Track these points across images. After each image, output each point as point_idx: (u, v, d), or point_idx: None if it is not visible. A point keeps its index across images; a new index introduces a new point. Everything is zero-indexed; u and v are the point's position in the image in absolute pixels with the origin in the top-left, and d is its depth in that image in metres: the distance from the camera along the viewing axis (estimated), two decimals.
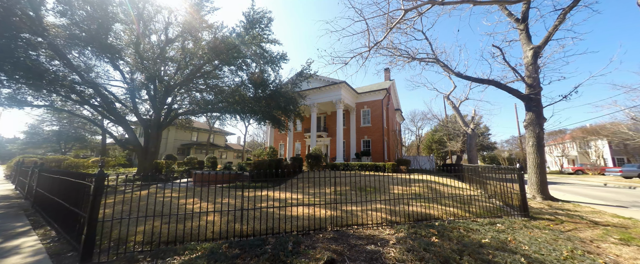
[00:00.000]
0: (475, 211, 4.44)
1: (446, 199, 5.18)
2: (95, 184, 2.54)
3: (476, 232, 3.35)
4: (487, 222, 3.85)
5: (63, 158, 13.41)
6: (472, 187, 6.50)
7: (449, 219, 3.99)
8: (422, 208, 4.54)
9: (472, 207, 4.63)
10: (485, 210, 4.52)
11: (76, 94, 9.22)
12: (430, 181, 7.92)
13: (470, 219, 4.04)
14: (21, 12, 7.00)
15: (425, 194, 5.80)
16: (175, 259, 2.41)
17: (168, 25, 10.65)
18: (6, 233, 3.37)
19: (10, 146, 30.99)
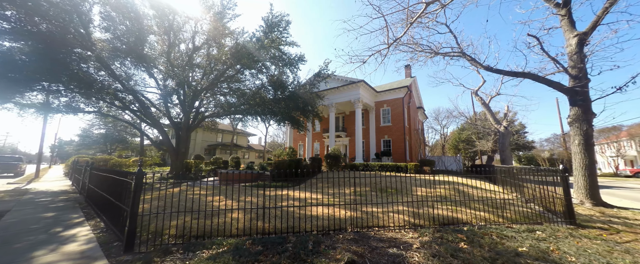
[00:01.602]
0: (510, 216, 4.07)
1: (476, 202, 4.83)
2: (135, 181, 2.81)
3: (511, 239, 3.07)
4: (524, 229, 3.52)
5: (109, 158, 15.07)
6: (506, 190, 5.98)
7: (480, 224, 3.72)
8: (448, 211, 4.29)
9: (506, 212, 4.26)
10: (522, 215, 4.13)
11: (118, 101, 10.30)
12: (457, 183, 7.45)
13: (504, 225, 3.72)
14: (74, 30, 8.00)
15: (452, 196, 5.47)
16: (204, 253, 2.57)
17: (195, 34, 11.40)
18: (65, 223, 3.88)
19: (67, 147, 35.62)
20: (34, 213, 4.61)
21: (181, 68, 10.68)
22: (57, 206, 5.33)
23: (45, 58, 7.38)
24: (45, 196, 6.70)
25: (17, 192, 7.57)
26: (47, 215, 4.41)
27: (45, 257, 2.50)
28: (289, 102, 11.26)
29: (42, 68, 7.38)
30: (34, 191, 7.76)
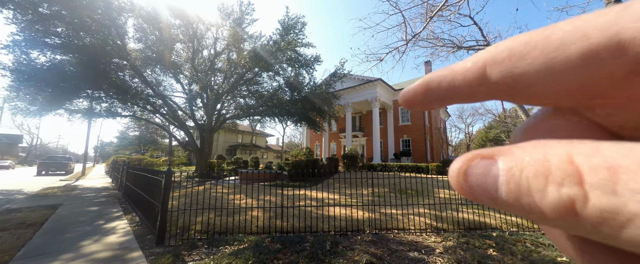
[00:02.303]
0: None
1: None
2: (165, 180, 3.03)
3: (549, 248, 2.80)
4: None
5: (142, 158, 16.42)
6: None
7: (511, 230, 3.44)
8: (474, 215, 4.03)
9: None
10: None
11: (150, 105, 11.18)
12: None
13: (540, 231, 3.40)
14: (112, 42, 8.83)
15: None
16: (226, 248, 2.69)
17: (216, 40, 12.01)
18: (107, 216, 4.30)
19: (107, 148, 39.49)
20: (81, 206, 5.17)
21: (204, 73, 11.31)
22: (100, 201, 5.92)
23: (89, 69, 8.26)
24: (90, 192, 7.48)
25: (67, 188, 8.56)
26: (92, 209, 4.92)
27: (91, 247, 2.79)
28: (305, 102, 11.38)
29: (86, 77, 8.27)
30: (81, 188, 8.71)
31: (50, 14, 7.36)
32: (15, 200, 6.09)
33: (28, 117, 8.84)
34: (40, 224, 3.68)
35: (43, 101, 8.37)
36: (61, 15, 7.41)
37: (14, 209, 4.80)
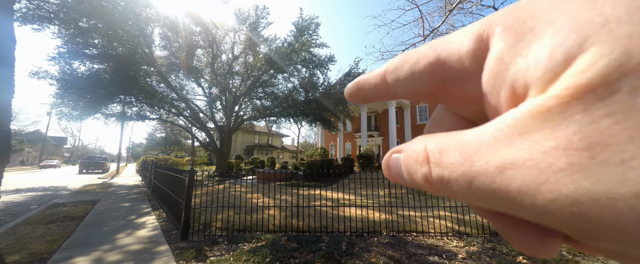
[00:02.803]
0: None
1: None
2: (188, 178, 3.20)
3: (589, 258, 2.54)
4: None
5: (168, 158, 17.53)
6: None
7: None
8: None
9: None
10: None
11: (174, 108, 11.90)
12: None
13: None
14: (141, 50, 9.54)
15: None
16: (245, 246, 2.78)
17: (233, 45, 12.48)
18: (138, 212, 4.65)
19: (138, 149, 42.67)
20: (115, 202, 5.64)
21: (223, 77, 11.81)
22: (132, 197, 6.41)
23: (121, 76, 8.99)
24: (123, 190, 8.13)
25: (104, 185, 9.38)
26: (125, 205, 5.34)
27: (124, 239, 3.04)
28: (319, 102, 11.43)
29: (119, 84, 9.01)
30: (116, 185, 9.50)
31: (88, 27, 8.13)
32: (61, 196, 6.81)
33: (71, 121, 9.84)
34: (82, 218, 4.07)
35: (83, 106, 9.27)
36: (97, 28, 8.15)
37: (61, 203, 5.36)
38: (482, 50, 0.11)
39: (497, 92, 0.11)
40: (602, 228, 0.07)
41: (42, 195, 7.15)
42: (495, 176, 0.09)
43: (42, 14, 7.46)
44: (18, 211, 4.93)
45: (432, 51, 0.13)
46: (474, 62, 0.12)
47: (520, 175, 0.08)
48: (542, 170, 0.08)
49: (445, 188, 0.11)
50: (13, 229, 3.48)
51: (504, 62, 0.10)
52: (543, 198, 0.08)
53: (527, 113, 0.09)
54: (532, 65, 0.09)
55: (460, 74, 0.12)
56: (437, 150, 0.11)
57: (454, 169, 0.10)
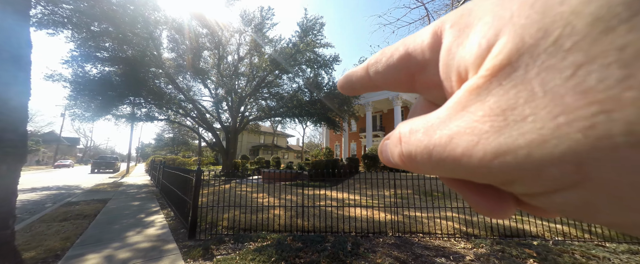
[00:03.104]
0: (602, 232, 3.26)
1: None
2: (196, 178, 3.26)
3: (604, 261, 2.45)
4: (624, 249, 2.76)
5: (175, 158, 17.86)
6: None
7: (556, 239, 3.08)
8: (511, 221, 3.68)
9: (595, 226, 3.43)
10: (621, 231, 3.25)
11: (182, 109, 12.11)
12: None
13: (593, 242, 2.99)
14: (149, 53, 9.76)
15: None
16: (251, 245, 2.81)
17: (239, 46, 12.61)
18: (146, 210, 4.76)
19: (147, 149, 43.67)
20: (125, 201, 5.78)
21: (229, 78, 11.95)
22: (141, 196, 6.56)
23: (130, 78, 9.22)
24: (133, 189, 8.33)
25: (115, 184, 9.64)
26: (134, 204, 5.47)
27: (134, 237, 3.11)
28: (324, 102, 11.43)
29: (129, 85, 9.24)
30: (126, 184, 9.74)
31: (99, 31, 8.37)
32: (74, 194, 7.03)
33: (83, 122, 10.15)
34: (94, 216, 4.20)
35: (95, 108, 9.55)
36: (108, 32, 8.39)
37: (74, 202, 5.54)
38: (437, 43, 0.14)
39: (449, 77, 0.13)
40: (516, 174, 0.09)
41: (57, 194, 7.40)
42: (446, 145, 0.11)
43: (56, 18, 7.73)
44: (34, 209, 5.12)
45: (403, 46, 0.15)
46: (432, 54, 0.14)
47: (462, 141, 0.10)
48: (476, 134, 0.10)
49: (413, 162, 0.13)
50: (29, 226, 3.62)
51: (451, 52, 0.12)
52: (477, 157, 0.10)
53: (466, 91, 0.11)
54: (468, 53, 0.11)
55: (423, 64, 0.14)
56: (407, 132, 0.13)
57: (418, 144, 0.12)
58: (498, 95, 0.10)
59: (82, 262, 2.35)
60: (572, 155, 0.07)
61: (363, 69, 0.18)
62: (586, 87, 0.07)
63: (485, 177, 0.10)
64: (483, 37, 0.11)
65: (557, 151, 0.08)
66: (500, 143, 0.09)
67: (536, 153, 0.08)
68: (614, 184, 0.07)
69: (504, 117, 0.09)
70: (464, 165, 0.10)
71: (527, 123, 0.09)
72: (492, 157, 0.09)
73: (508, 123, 0.09)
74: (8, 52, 1.33)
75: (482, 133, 0.10)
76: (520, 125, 0.09)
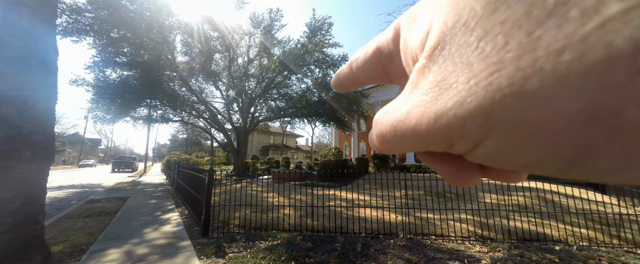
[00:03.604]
0: (632, 238, 3.03)
1: (573, 216, 3.79)
2: (208, 177, 3.35)
3: None
4: None
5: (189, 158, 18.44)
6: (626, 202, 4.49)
7: (580, 244, 2.90)
8: (530, 224, 3.51)
9: (625, 231, 3.19)
10: None
11: (195, 110, 12.49)
12: (544, 190, 6.01)
13: (622, 248, 2.79)
14: (164, 57, 10.15)
15: (535, 206, 4.45)
16: (261, 243, 2.85)
17: (249, 48, 12.84)
18: (163, 208, 4.94)
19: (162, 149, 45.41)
20: (143, 199, 6.04)
21: (239, 80, 12.19)
22: (157, 195, 6.83)
23: (147, 81, 9.63)
24: (150, 187, 8.69)
25: (133, 183, 10.10)
26: (151, 202, 5.71)
27: (151, 234, 3.24)
28: (333, 102, 11.40)
29: (145, 88, 9.65)
30: (143, 183, 10.18)
31: (118, 37, 8.80)
32: (97, 192, 7.43)
33: (104, 124, 10.71)
34: (115, 213, 4.42)
35: (115, 110, 10.04)
36: (127, 38, 8.80)
37: (96, 200, 5.85)
38: (397, 36, 0.16)
39: (407, 63, 0.15)
40: (451, 134, 0.11)
41: (81, 192, 7.86)
42: (405, 119, 0.13)
43: (80, 27, 8.21)
44: (61, 206, 5.46)
45: (374, 42, 0.18)
46: (395, 46, 0.16)
47: (415, 113, 0.12)
48: (423, 105, 0.12)
49: (385, 141, 0.14)
50: (57, 222, 3.87)
51: (405, 42, 0.15)
52: (424, 124, 0.11)
53: (416, 72, 0.13)
54: (415, 40, 0.13)
55: (390, 56, 0.17)
56: (380, 115, 0.15)
57: (386, 124, 0.14)
58: (435, 70, 0.11)
59: (104, 257, 2.48)
60: (480, 108, 0.09)
61: (348, 66, 0.20)
62: (485, 54, 0.09)
63: (434, 141, 0.12)
64: (423, 26, 0.13)
65: (471, 108, 0.10)
66: (438, 108, 0.11)
67: (459, 112, 0.10)
68: (509, 127, 0.09)
69: (439, 87, 0.11)
70: (417, 133, 0.12)
71: (453, 89, 0.10)
72: (433, 121, 0.11)
73: (442, 92, 0.11)
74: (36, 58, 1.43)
75: (426, 103, 0.11)
76: (448, 91, 0.11)
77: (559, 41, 0.08)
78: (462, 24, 0.11)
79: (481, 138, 0.10)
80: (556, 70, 0.08)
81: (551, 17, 0.08)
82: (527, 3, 0.09)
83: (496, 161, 0.11)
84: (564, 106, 0.08)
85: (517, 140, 0.09)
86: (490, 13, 0.10)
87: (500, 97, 0.09)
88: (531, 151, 0.09)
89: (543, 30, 0.08)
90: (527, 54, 0.08)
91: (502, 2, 0.09)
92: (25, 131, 1.36)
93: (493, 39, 0.09)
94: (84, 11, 8.06)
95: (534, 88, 0.08)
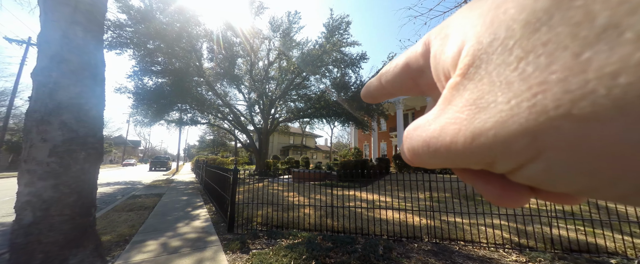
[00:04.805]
0: None
1: (633, 225, 3.29)
2: (233, 176, 3.52)
3: None
4: None
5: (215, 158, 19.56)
6: None
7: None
8: (578, 233, 3.12)
9: None
10: None
11: (220, 113, 13.23)
12: None
13: None
14: (193, 64, 10.91)
15: (585, 213, 3.94)
16: (283, 241, 2.92)
17: (269, 51, 13.25)
18: (193, 205, 5.32)
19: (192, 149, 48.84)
20: (176, 196, 6.56)
21: (260, 82, 12.65)
22: (188, 192, 7.37)
23: (178, 87, 10.43)
24: (182, 185, 9.40)
25: (167, 181, 11.00)
26: (183, 198, 6.17)
27: (183, 228, 3.51)
28: (352, 102, 11.27)
29: (177, 94, 10.47)
30: (176, 181, 11.04)
31: (154, 48, 9.67)
32: (137, 189, 8.24)
33: (143, 127, 11.83)
34: (152, 208, 4.85)
35: (151, 114, 11.05)
36: (160, 48, 9.63)
37: (137, 195, 6.49)
38: (427, 51, 0.16)
39: (439, 78, 0.15)
40: (491, 153, 0.11)
41: (124, 188, 8.77)
42: (438, 136, 0.12)
43: (122, 40, 9.18)
44: (109, 200, 6.15)
45: (404, 56, 0.18)
46: (425, 60, 0.16)
47: (450, 130, 0.12)
48: (458, 123, 0.12)
49: (417, 155, 0.14)
50: (105, 215, 4.36)
51: (436, 58, 0.15)
52: (460, 142, 0.11)
53: (449, 88, 0.13)
54: (447, 58, 0.14)
55: (420, 70, 0.17)
56: (412, 129, 0.15)
57: (418, 139, 0.14)
58: (470, 88, 0.11)
59: (144, 247, 2.74)
60: (525, 129, 0.09)
61: (377, 79, 0.21)
62: (526, 74, 0.09)
63: (472, 160, 0.12)
64: (455, 44, 0.13)
65: (514, 128, 0.09)
66: (475, 127, 0.11)
67: (500, 132, 0.10)
68: (560, 150, 0.09)
69: (475, 105, 0.11)
70: (453, 151, 0.12)
71: (491, 108, 0.10)
72: (471, 140, 0.11)
73: (479, 110, 0.11)
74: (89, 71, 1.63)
75: (462, 121, 0.11)
76: (487, 110, 0.10)
77: (612, 64, 0.07)
78: (499, 44, 0.11)
79: (528, 159, 0.10)
80: (610, 94, 0.07)
81: (601, 39, 0.08)
82: (572, 24, 0.08)
83: (546, 183, 0.10)
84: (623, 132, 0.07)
85: (570, 164, 0.09)
86: (530, 33, 0.10)
87: (546, 119, 0.09)
88: (588, 176, 0.09)
89: (593, 53, 0.08)
90: (575, 76, 0.08)
91: (543, 23, 0.09)
92: (81, 134, 1.56)
93: (535, 60, 0.09)
94: (125, 26, 8.99)
95: (586, 112, 0.08)
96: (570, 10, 0.09)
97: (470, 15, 0.13)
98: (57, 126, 1.48)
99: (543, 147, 0.09)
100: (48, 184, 1.42)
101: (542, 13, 0.09)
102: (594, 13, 0.08)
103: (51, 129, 1.46)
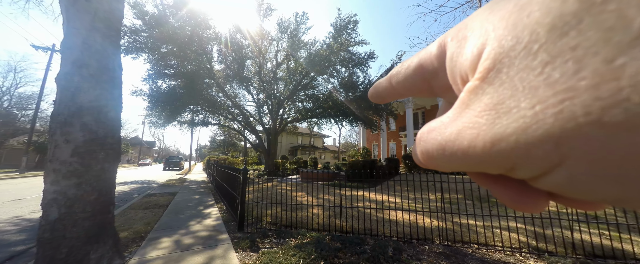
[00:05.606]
0: None
1: None
2: (242, 176, 3.59)
3: None
4: None
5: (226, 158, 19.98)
6: None
7: None
8: (602, 238, 2.94)
9: None
10: None
11: (230, 114, 13.50)
12: None
13: None
14: (203, 66, 11.20)
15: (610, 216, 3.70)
16: (291, 241, 2.94)
17: (277, 53, 13.38)
18: (204, 203, 5.46)
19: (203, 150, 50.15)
20: (189, 195, 6.75)
21: (268, 83, 12.80)
22: (200, 191, 7.57)
23: (190, 89, 10.74)
24: (194, 184, 9.67)
25: (180, 180, 11.35)
26: (195, 197, 6.34)
27: (195, 226, 3.61)
28: (360, 101, 11.19)
29: (189, 96, 10.78)
30: (188, 180, 11.37)
31: (167, 52, 10.01)
32: (152, 188, 8.56)
33: (157, 128, 12.27)
34: (166, 206, 5.02)
35: (165, 116, 11.44)
36: (173, 52, 9.96)
37: (152, 194, 6.74)
38: (443, 53, 0.16)
39: (455, 81, 0.15)
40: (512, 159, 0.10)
41: (140, 187, 9.13)
42: (455, 140, 0.12)
43: (137, 45, 9.57)
44: (126, 198, 6.43)
45: (417, 57, 0.18)
46: (440, 62, 0.16)
47: (467, 134, 0.12)
48: (476, 127, 0.11)
49: (431, 158, 0.14)
50: (123, 212, 4.56)
51: (453, 60, 0.15)
52: (479, 147, 0.11)
53: (467, 92, 0.13)
54: (465, 60, 0.13)
55: (434, 72, 0.17)
56: (426, 131, 0.15)
57: (433, 142, 0.14)
58: (490, 92, 0.11)
59: (159, 244, 2.84)
60: (549, 136, 0.09)
61: (387, 80, 0.21)
62: (552, 80, 0.09)
63: (491, 165, 0.11)
64: (474, 46, 0.13)
65: (538, 134, 0.09)
66: (495, 132, 0.10)
67: (522, 138, 0.10)
68: (587, 158, 0.08)
69: (495, 110, 0.11)
70: (471, 155, 0.11)
71: (513, 114, 0.10)
72: (490, 145, 0.11)
73: (499, 115, 0.10)
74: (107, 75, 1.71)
75: (481, 126, 0.11)
76: (508, 115, 0.10)
77: None
78: (523, 48, 0.10)
79: (551, 166, 0.10)
80: None
81: (637, 45, 0.08)
82: (604, 29, 0.08)
83: (569, 190, 0.10)
84: None
85: (597, 172, 0.09)
86: (557, 37, 0.09)
87: (574, 126, 0.08)
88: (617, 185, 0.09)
89: (627, 58, 0.08)
90: (606, 83, 0.08)
91: (572, 27, 0.09)
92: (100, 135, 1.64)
93: (562, 65, 0.09)
94: (140, 31, 9.37)
95: (618, 120, 0.08)
96: (603, 14, 0.08)
97: (490, 17, 0.12)
98: (79, 127, 1.56)
99: (568, 154, 0.09)
100: (71, 182, 1.50)
101: (571, 17, 0.09)
102: (629, 17, 0.08)
103: (73, 130, 1.54)
